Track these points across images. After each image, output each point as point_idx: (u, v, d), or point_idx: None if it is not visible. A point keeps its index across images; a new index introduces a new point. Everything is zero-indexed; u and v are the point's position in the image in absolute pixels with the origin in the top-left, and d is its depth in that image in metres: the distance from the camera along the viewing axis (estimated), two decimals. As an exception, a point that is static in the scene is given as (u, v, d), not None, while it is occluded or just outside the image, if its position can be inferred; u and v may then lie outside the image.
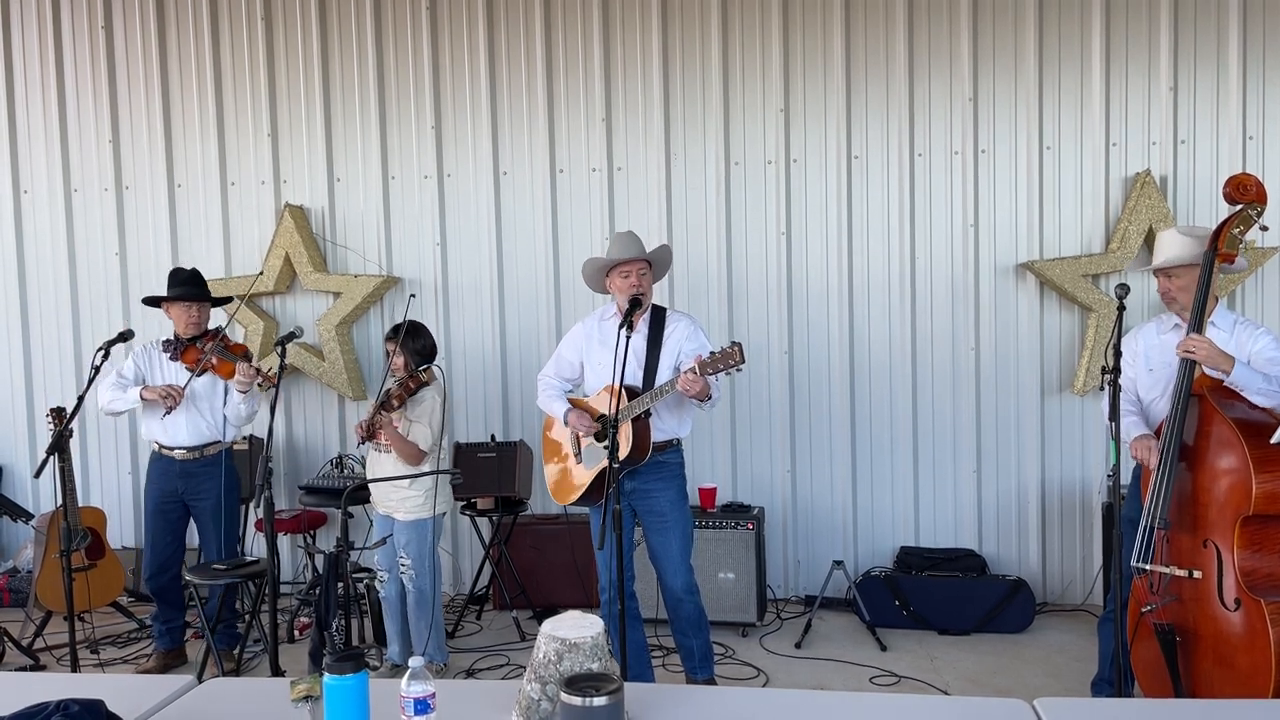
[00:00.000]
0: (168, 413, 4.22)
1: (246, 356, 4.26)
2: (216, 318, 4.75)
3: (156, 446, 4.39)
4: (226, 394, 4.34)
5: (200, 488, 4.35)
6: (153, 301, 4.50)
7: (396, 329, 4.22)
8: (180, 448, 4.34)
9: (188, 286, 4.36)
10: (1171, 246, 3.46)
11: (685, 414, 3.77)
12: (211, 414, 4.36)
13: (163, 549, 4.40)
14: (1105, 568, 4.77)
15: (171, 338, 4.40)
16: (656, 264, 3.84)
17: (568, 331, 4.06)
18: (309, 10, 5.48)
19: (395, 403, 4.04)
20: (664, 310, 3.86)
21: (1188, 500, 3.20)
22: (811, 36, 5.14)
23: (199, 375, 4.26)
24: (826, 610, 4.97)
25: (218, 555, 4.34)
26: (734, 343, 3.39)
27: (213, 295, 4.48)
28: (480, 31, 5.36)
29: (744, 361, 3.36)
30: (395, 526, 4.19)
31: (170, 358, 4.34)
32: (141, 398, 4.23)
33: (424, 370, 4.21)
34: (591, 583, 4.89)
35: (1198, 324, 3.25)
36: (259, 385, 4.22)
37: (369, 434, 4.10)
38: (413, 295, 5.17)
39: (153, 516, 4.40)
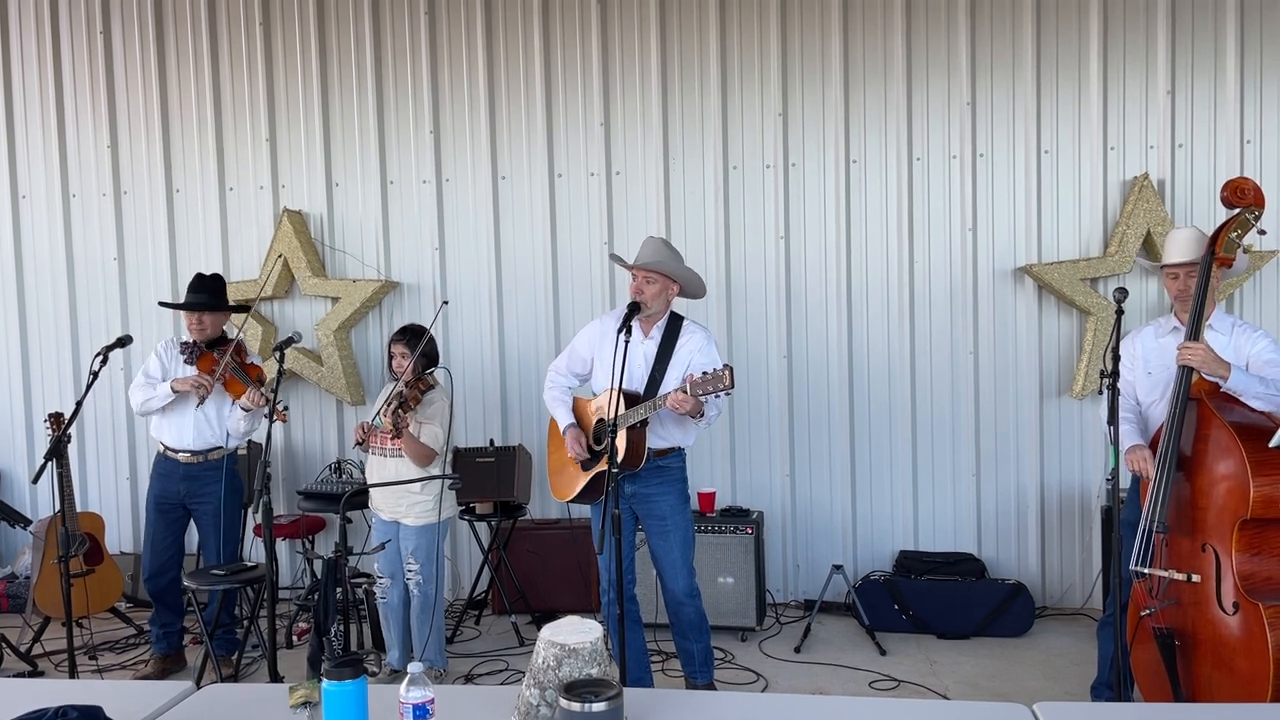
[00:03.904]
0: (201, 402, 4.23)
1: (260, 380, 4.26)
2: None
3: (162, 448, 4.40)
4: (233, 404, 4.34)
5: (202, 491, 4.35)
6: (171, 306, 4.63)
7: (404, 331, 4.22)
8: (185, 450, 4.34)
9: (194, 294, 4.39)
10: (1188, 244, 3.45)
11: (689, 424, 3.73)
12: (219, 420, 4.38)
13: (162, 550, 4.39)
14: (1105, 571, 4.77)
15: (190, 340, 4.41)
16: (682, 281, 3.79)
17: (584, 327, 4.00)
18: (307, 15, 5.48)
19: (410, 404, 4.03)
20: (681, 320, 3.81)
21: (1186, 504, 3.19)
22: (810, 41, 5.15)
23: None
24: (826, 614, 4.97)
25: (218, 559, 4.33)
26: (725, 365, 3.38)
27: (219, 303, 4.45)
28: (479, 36, 5.37)
29: (733, 386, 3.35)
30: (402, 532, 4.18)
31: (186, 361, 4.34)
32: (173, 389, 4.25)
33: (429, 374, 4.22)
34: (590, 587, 4.89)
35: (1195, 328, 3.25)
36: (267, 417, 4.22)
37: (387, 434, 4.07)
38: (445, 302, 5.18)
39: (153, 516, 4.40)
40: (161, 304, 4.82)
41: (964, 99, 5.06)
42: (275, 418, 3.79)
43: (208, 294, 4.39)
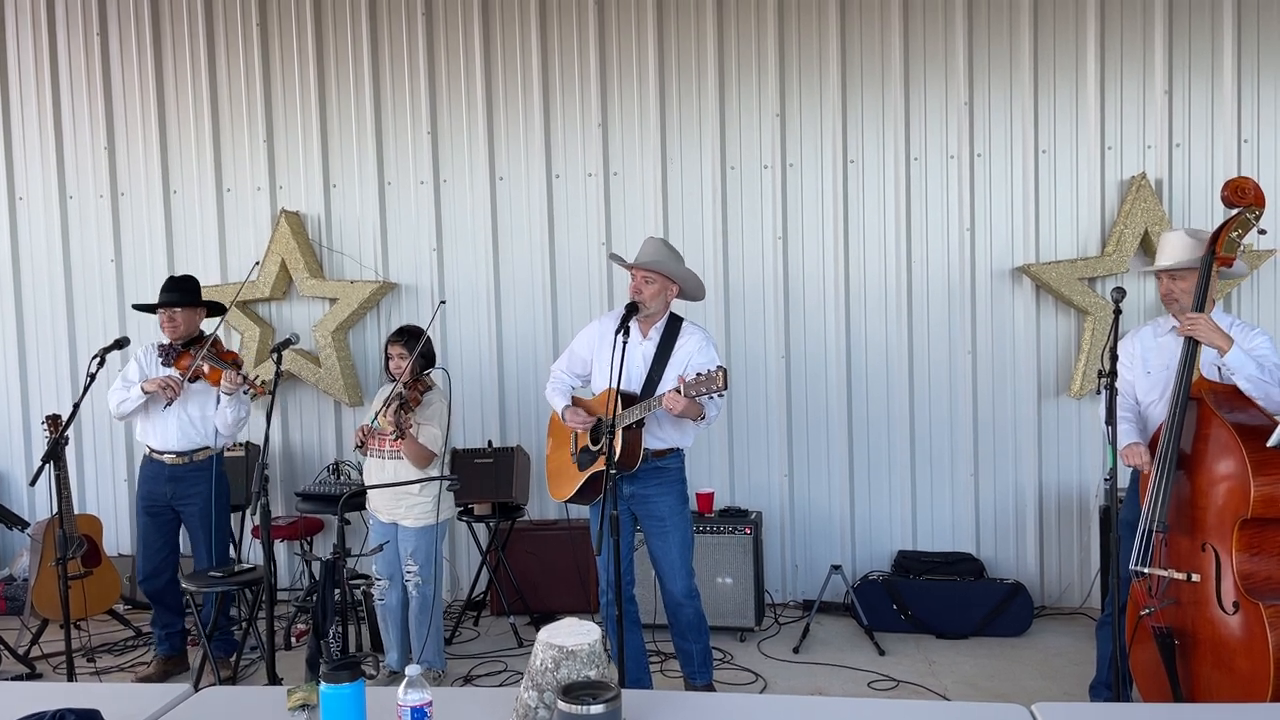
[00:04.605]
0: (168, 404, 4.22)
1: (237, 364, 4.25)
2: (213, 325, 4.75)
3: (148, 450, 4.39)
4: (219, 401, 4.33)
5: (188, 493, 4.33)
6: (144, 308, 4.53)
7: (401, 331, 4.21)
8: (170, 452, 4.33)
9: (165, 293, 4.37)
10: (1177, 248, 3.45)
11: (686, 425, 3.72)
12: (203, 421, 4.35)
13: (154, 552, 4.38)
14: (1103, 571, 4.77)
15: (167, 343, 4.40)
16: (681, 282, 3.78)
17: (584, 328, 4.00)
18: (304, 16, 5.47)
19: (411, 405, 4.03)
20: (680, 321, 3.80)
21: (1186, 503, 3.19)
22: (807, 41, 5.15)
23: (191, 381, 4.25)
24: (824, 615, 4.97)
25: (207, 561, 4.32)
26: (719, 367, 3.38)
27: (194, 301, 4.41)
28: (476, 36, 5.37)
29: (726, 388, 3.35)
30: (400, 533, 4.17)
31: (163, 362, 4.34)
32: (143, 390, 4.24)
33: (427, 374, 4.22)
34: (589, 588, 4.89)
35: (1199, 308, 3.26)
36: (245, 393, 4.22)
37: (386, 435, 4.07)
38: (443, 301, 5.18)
39: (143, 519, 4.40)
40: (135, 307, 4.71)
41: (961, 99, 5.06)
42: (254, 392, 3.78)
43: (178, 293, 4.37)
